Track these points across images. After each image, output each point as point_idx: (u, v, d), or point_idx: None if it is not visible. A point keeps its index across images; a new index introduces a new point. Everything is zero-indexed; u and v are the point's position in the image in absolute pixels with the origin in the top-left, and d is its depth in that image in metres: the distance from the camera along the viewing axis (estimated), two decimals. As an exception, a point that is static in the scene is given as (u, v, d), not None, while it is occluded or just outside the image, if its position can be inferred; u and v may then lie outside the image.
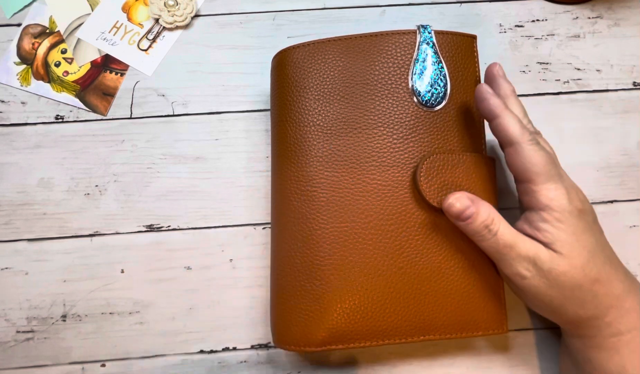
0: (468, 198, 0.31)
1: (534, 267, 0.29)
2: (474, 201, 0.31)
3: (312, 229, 0.32)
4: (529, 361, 0.36)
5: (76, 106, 0.41)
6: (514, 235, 0.30)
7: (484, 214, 0.30)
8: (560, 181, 0.30)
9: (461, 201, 0.31)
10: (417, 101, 0.33)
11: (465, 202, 0.30)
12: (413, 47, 0.34)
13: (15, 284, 0.38)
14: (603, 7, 0.43)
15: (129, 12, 0.43)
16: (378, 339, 0.31)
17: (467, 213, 0.30)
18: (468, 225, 0.31)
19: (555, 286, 0.29)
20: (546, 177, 0.30)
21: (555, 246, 0.29)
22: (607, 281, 0.29)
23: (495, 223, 0.30)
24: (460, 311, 0.32)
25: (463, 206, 0.30)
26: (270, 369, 0.36)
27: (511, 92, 0.34)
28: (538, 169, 0.30)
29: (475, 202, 0.31)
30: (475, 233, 0.31)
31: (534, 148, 0.30)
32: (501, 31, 0.43)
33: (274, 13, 0.43)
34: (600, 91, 0.41)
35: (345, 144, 0.33)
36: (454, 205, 0.31)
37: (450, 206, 0.31)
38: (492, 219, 0.30)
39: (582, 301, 0.29)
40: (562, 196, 0.30)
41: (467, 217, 0.30)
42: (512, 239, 0.30)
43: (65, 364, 0.37)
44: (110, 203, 0.39)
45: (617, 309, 0.29)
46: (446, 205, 0.31)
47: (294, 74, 0.35)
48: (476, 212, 0.30)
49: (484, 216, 0.30)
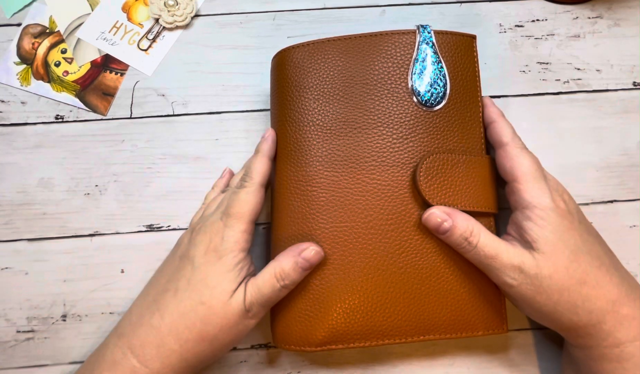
0: (444, 212, 0.31)
1: (520, 275, 0.29)
2: (451, 214, 0.31)
3: (312, 228, 0.32)
4: (529, 361, 0.36)
5: (76, 106, 0.41)
6: (496, 245, 0.30)
7: (461, 227, 0.30)
8: (545, 182, 0.31)
9: (437, 214, 0.31)
10: (416, 101, 0.33)
11: (441, 216, 0.31)
12: (413, 47, 0.34)
13: (16, 284, 0.38)
14: (603, 7, 0.43)
15: (129, 12, 0.43)
16: (378, 339, 0.32)
17: (444, 227, 0.31)
18: (447, 238, 0.31)
19: (542, 291, 0.29)
20: (531, 177, 0.31)
21: (538, 243, 0.29)
22: (597, 284, 0.29)
23: (475, 235, 0.30)
24: (460, 311, 0.32)
25: (439, 220, 0.31)
26: (270, 369, 0.36)
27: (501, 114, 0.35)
28: (524, 169, 0.31)
29: (452, 215, 0.31)
30: (456, 246, 0.31)
31: (522, 152, 0.32)
32: (501, 31, 0.43)
33: (274, 13, 0.43)
34: (600, 91, 0.41)
35: (345, 143, 0.33)
36: (430, 219, 0.31)
37: (427, 220, 0.31)
38: (470, 231, 0.30)
39: (573, 305, 0.29)
40: (545, 194, 0.30)
41: (445, 230, 0.31)
42: (494, 249, 0.30)
43: (65, 364, 0.37)
44: (110, 203, 0.39)
45: (614, 315, 0.29)
46: (423, 219, 0.32)
47: (294, 74, 0.35)
48: (453, 226, 0.31)
49: (462, 228, 0.30)
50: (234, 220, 0.32)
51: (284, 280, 0.31)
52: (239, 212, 0.32)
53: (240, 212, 0.32)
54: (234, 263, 0.31)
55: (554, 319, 0.30)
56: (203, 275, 0.31)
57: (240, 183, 0.34)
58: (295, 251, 0.31)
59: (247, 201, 0.32)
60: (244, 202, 0.32)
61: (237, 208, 0.32)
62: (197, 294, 0.30)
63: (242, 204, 0.32)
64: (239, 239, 0.31)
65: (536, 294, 0.29)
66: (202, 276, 0.31)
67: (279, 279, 0.31)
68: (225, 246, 0.31)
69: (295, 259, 0.31)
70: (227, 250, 0.31)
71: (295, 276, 0.31)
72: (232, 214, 0.32)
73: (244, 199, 0.32)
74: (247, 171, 0.34)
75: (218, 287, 0.30)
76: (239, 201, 0.32)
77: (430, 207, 0.31)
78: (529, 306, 0.30)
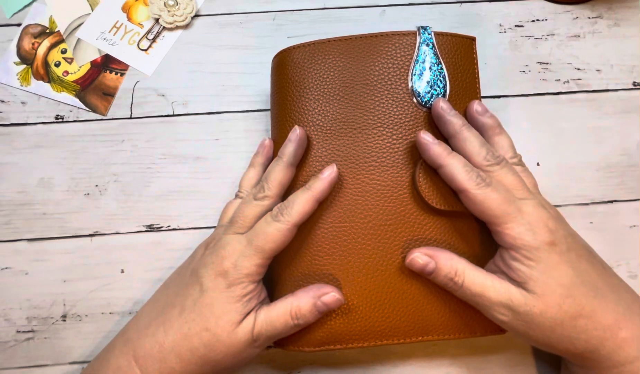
0: (426, 253, 0.30)
1: (509, 311, 0.28)
2: (433, 255, 0.30)
3: (312, 229, 0.32)
4: (528, 362, 0.36)
5: (76, 106, 0.41)
6: (482, 283, 0.29)
7: (444, 268, 0.30)
8: (520, 217, 0.29)
9: (419, 257, 0.30)
10: (416, 102, 0.33)
11: (423, 259, 0.30)
12: (413, 48, 0.34)
13: (16, 284, 0.38)
14: (603, 7, 0.43)
15: (129, 12, 0.43)
16: (377, 340, 0.32)
17: (428, 269, 0.30)
18: (433, 279, 0.30)
19: (535, 327, 0.28)
20: (504, 218, 0.29)
21: (528, 285, 0.28)
22: (593, 314, 0.28)
23: (459, 274, 0.29)
24: (459, 311, 0.32)
25: (422, 263, 0.30)
26: (270, 369, 0.37)
27: (460, 127, 0.31)
28: (492, 212, 0.29)
29: (434, 257, 0.30)
30: (443, 285, 0.30)
31: (482, 192, 0.29)
32: (501, 31, 0.43)
33: (274, 13, 0.43)
34: (600, 91, 0.41)
35: (344, 144, 0.33)
36: (413, 263, 0.30)
37: (410, 264, 0.31)
38: (455, 271, 0.29)
39: (568, 338, 0.28)
40: (525, 233, 0.28)
41: (430, 272, 0.30)
42: (480, 288, 0.29)
43: (65, 364, 0.37)
44: (110, 203, 0.39)
45: (612, 340, 0.28)
46: (407, 263, 0.31)
47: (294, 74, 0.35)
48: (437, 268, 0.30)
49: (445, 270, 0.30)
50: (253, 251, 0.30)
51: (299, 319, 0.30)
52: (263, 247, 0.30)
53: (265, 247, 0.30)
54: (243, 294, 0.30)
55: (550, 347, 0.29)
56: (210, 300, 0.29)
57: (276, 214, 0.30)
58: (316, 292, 0.30)
59: (276, 239, 0.30)
60: (271, 238, 0.30)
61: (263, 242, 0.30)
62: (203, 320, 0.29)
63: (270, 240, 0.30)
64: (253, 272, 0.30)
65: (528, 329, 0.28)
66: (208, 301, 0.29)
67: (294, 318, 0.30)
68: (237, 276, 0.29)
69: (314, 301, 0.30)
70: (237, 280, 0.30)
71: (311, 318, 0.30)
72: (254, 244, 0.30)
73: (273, 235, 0.30)
74: (288, 203, 0.31)
75: (224, 316, 0.29)
76: (268, 235, 0.30)
77: (412, 251, 0.31)
78: (523, 338, 0.30)
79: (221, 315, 0.29)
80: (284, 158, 0.32)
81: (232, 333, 0.29)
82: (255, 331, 0.29)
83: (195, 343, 0.29)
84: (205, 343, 0.29)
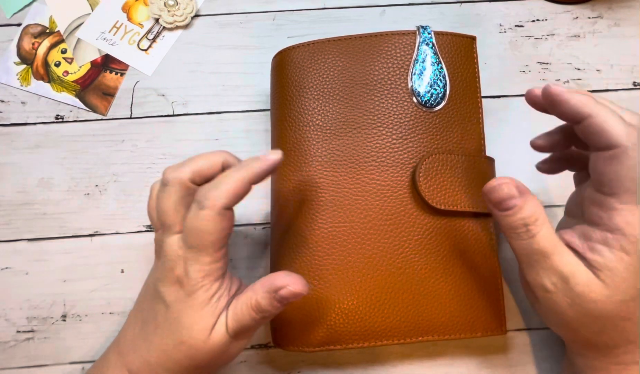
0: (517, 187, 0.26)
1: (562, 284, 0.26)
2: (524, 193, 0.27)
3: (311, 229, 0.32)
4: (528, 362, 0.36)
5: (76, 106, 0.41)
6: (554, 244, 0.26)
7: (528, 211, 0.26)
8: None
9: (508, 187, 0.26)
10: (416, 101, 0.33)
11: (511, 191, 0.26)
12: (413, 48, 0.34)
13: (15, 284, 0.38)
14: (603, 7, 0.43)
15: (129, 12, 0.43)
16: (377, 340, 0.32)
17: (510, 204, 0.26)
18: (505, 217, 0.27)
19: (579, 309, 0.26)
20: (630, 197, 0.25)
21: (602, 273, 0.25)
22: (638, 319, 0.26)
23: (538, 225, 0.26)
24: (459, 311, 0.32)
25: (507, 195, 0.26)
26: (270, 369, 0.37)
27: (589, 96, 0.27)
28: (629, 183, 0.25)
29: (524, 195, 0.26)
30: (511, 228, 0.27)
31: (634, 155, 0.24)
32: (501, 31, 0.43)
33: (274, 13, 0.43)
34: (600, 91, 0.41)
35: (344, 144, 0.33)
36: (497, 190, 0.27)
37: (493, 190, 0.27)
38: (535, 219, 0.26)
39: (601, 330, 0.26)
40: None
41: (508, 207, 0.26)
42: (551, 248, 0.26)
43: (65, 364, 0.37)
44: (110, 203, 0.39)
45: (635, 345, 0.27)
46: (488, 187, 0.27)
47: (294, 74, 0.35)
48: (519, 207, 0.26)
49: (528, 212, 0.26)
50: (195, 253, 0.27)
51: (262, 313, 0.28)
52: (201, 244, 0.27)
53: (204, 243, 0.27)
54: (208, 297, 0.27)
55: (569, 331, 0.28)
56: (176, 314, 0.27)
57: (201, 200, 0.27)
58: (271, 285, 0.27)
59: (207, 231, 0.26)
60: (203, 233, 0.26)
61: (198, 240, 0.27)
62: (175, 335, 0.27)
63: (202, 236, 0.26)
64: (207, 272, 0.27)
65: (569, 307, 0.26)
66: (175, 315, 0.27)
67: (257, 312, 0.28)
68: (193, 283, 0.27)
69: (270, 295, 0.27)
70: (196, 286, 0.27)
71: (274, 310, 0.28)
72: (192, 245, 0.27)
73: (203, 229, 0.26)
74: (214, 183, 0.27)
75: (195, 327, 0.27)
76: (198, 231, 0.26)
77: (503, 177, 0.27)
78: (552, 314, 0.27)
79: (191, 326, 0.27)
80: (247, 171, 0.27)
81: (207, 339, 0.27)
82: (230, 329, 0.28)
83: (176, 357, 0.28)
84: (185, 355, 0.27)
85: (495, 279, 0.33)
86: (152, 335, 0.28)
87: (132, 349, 0.29)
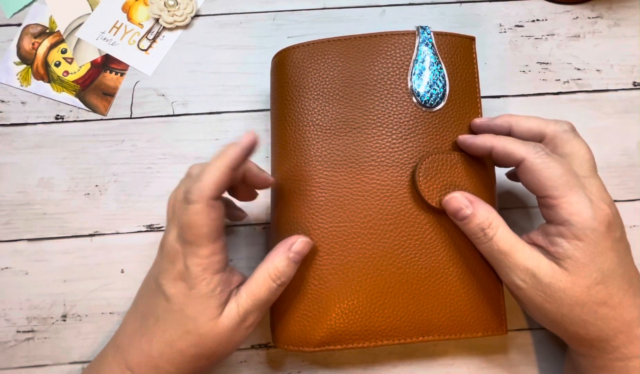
0: (467, 198, 0.30)
1: (531, 279, 0.28)
2: (474, 202, 0.30)
3: (311, 229, 0.32)
4: (529, 362, 0.36)
5: (76, 106, 0.41)
6: (512, 243, 0.29)
7: (481, 216, 0.29)
8: (583, 191, 0.27)
9: (459, 199, 0.30)
10: (416, 101, 0.33)
11: (463, 202, 0.30)
12: (412, 48, 0.34)
13: (15, 284, 0.38)
14: (603, 7, 0.43)
15: (129, 12, 0.43)
16: (377, 340, 0.32)
17: (463, 213, 0.30)
18: (464, 225, 0.30)
19: (552, 301, 0.28)
20: (564, 189, 0.27)
21: (564, 262, 0.27)
22: (619, 305, 0.27)
23: (493, 227, 0.29)
24: (459, 311, 0.32)
25: (459, 205, 0.30)
26: (270, 369, 0.37)
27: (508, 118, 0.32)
28: (553, 182, 0.28)
29: (474, 204, 0.30)
30: (471, 234, 0.30)
31: (543, 161, 0.28)
32: (501, 31, 0.43)
33: (274, 13, 0.43)
34: (600, 91, 0.41)
35: (344, 143, 0.33)
36: (451, 203, 0.30)
37: (447, 203, 0.31)
38: (489, 223, 0.29)
39: (584, 321, 0.27)
40: (585, 209, 0.27)
41: (463, 217, 0.30)
42: (508, 246, 0.29)
43: (65, 364, 0.37)
44: (110, 203, 0.39)
45: (626, 335, 0.27)
46: (443, 202, 0.31)
47: (294, 74, 0.35)
48: (472, 214, 0.30)
49: (481, 218, 0.29)
50: (192, 247, 0.27)
51: (280, 278, 0.29)
52: (195, 239, 0.27)
53: (197, 237, 0.27)
54: (211, 289, 0.28)
55: (558, 328, 0.29)
56: (179, 307, 0.28)
57: (185, 196, 0.28)
58: (285, 246, 0.30)
59: (199, 224, 0.27)
60: (196, 227, 0.27)
61: (191, 235, 0.27)
62: (180, 325, 0.28)
63: (195, 230, 0.27)
64: (207, 265, 0.28)
65: (544, 301, 0.28)
66: (178, 307, 0.28)
67: (275, 279, 0.29)
68: (194, 276, 0.28)
69: (286, 254, 0.30)
70: (197, 279, 0.28)
71: (290, 271, 0.30)
72: (188, 241, 0.27)
73: (195, 223, 0.27)
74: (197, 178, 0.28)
75: (200, 316, 0.28)
76: (190, 226, 0.27)
77: (453, 191, 0.31)
78: (533, 310, 0.29)
79: (197, 316, 0.28)
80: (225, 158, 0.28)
81: (215, 327, 0.28)
82: (242, 311, 0.28)
83: (182, 346, 0.28)
84: (192, 343, 0.28)
85: (495, 279, 0.33)
86: (153, 328, 0.29)
87: (132, 345, 0.29)
